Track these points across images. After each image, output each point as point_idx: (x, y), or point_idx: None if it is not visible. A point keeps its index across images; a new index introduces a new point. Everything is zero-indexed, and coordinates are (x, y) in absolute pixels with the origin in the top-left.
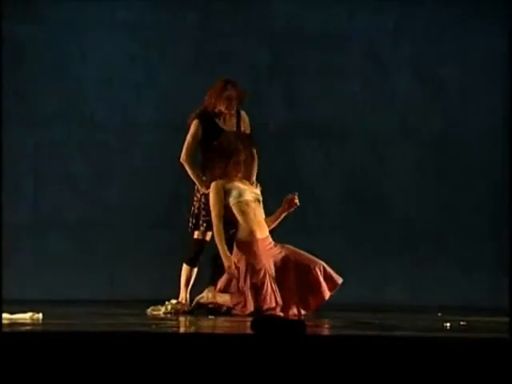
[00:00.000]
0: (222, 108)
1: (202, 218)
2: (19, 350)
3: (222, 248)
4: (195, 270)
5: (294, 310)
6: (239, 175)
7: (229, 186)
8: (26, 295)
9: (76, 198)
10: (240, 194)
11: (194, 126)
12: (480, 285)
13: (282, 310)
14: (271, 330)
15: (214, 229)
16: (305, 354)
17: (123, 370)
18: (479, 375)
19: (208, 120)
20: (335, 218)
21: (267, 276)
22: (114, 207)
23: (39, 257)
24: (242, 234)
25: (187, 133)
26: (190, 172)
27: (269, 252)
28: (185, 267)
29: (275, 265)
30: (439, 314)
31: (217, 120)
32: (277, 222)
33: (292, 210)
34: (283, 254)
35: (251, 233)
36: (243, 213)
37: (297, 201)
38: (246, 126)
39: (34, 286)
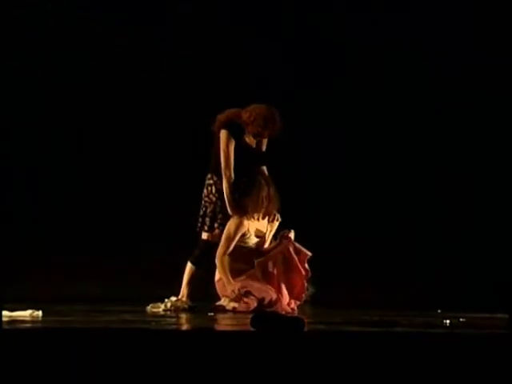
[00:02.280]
0: (252, 132)
1: (219, 221)
2: (19, 347)
3: (226, 277)
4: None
5: (292, 304)
6: (260, 214)
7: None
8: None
9: (76, 193)
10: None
11: (224, 136)
12: None
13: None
14: (271, 327)
15: (218, 261)
16: (304, 351)
17: (123, 367)
18: (479, 371)
19: (235, 132)
20: None
21: (248, 280)
22: (115, 204)
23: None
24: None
25: (214, 140)
26: (225, 187)
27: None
28: (189, 266)
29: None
30: (439, 311)
31: (243, 134)
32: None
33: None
34: (261, 263)
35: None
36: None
37: (291, 235)
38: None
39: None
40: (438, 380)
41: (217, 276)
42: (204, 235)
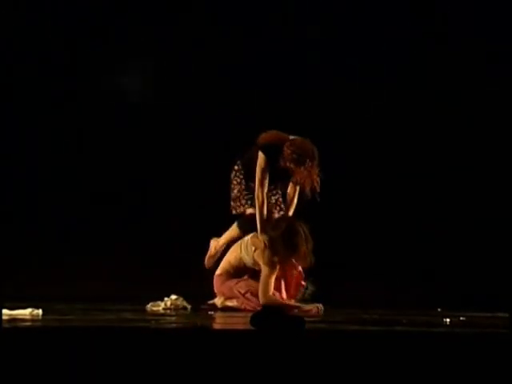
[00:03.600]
0: (284, 165)
1: (246, 198)
2: (19, 345)
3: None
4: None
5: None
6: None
7: None
8: (26, 291)
9: (76, 192)
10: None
11: (261, 161)
12: None
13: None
14: (270, 326)
15: (266, 300)
16: (304, 349)
17: (122, 366)
18: (479, 370)
19: (273, 156)
20: None
21: (250, 281)
22: (115, 203)
23: (40, 252)
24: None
25: (253, 150)
26: (258, 207)
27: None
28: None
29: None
30: (439, 310)
31: (279, 159)
32: None
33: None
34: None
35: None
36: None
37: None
38: None
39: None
40: (438, 379)
41: (217, 271)
42: (248, 211)
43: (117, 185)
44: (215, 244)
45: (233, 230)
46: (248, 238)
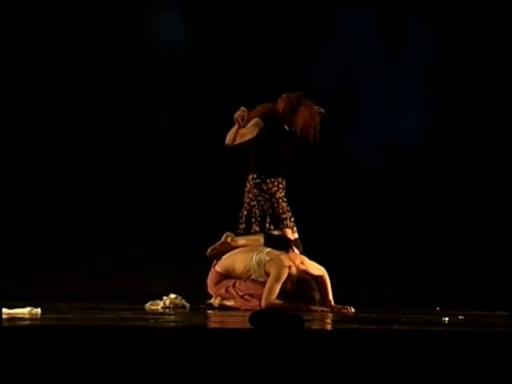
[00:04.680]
0: (288, 115)
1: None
2: (18, 344)
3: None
4: None
5: None
6: None
7: None
8: (25, 290)
9: (76, 191)
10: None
11: (255, 124)
12: None
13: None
14: (269, 325)
15: (270, 304)
16: (302, 348)
17: (121, 364)
18: (478, 369)
19: (271, 123)
20: None
21: (249, 282)
22: (115, 203)
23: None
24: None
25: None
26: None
27: None
28: None
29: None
30: (437, 309)
31: (281, 122)
32: None
33: None
34: None
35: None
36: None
37: None
38: None
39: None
40: (437, 378)
41: (218, 268)
42: (289, 232)
43: (117, 185)
44: (229, 240)
45: (256, 240)
46: (265, 251)
